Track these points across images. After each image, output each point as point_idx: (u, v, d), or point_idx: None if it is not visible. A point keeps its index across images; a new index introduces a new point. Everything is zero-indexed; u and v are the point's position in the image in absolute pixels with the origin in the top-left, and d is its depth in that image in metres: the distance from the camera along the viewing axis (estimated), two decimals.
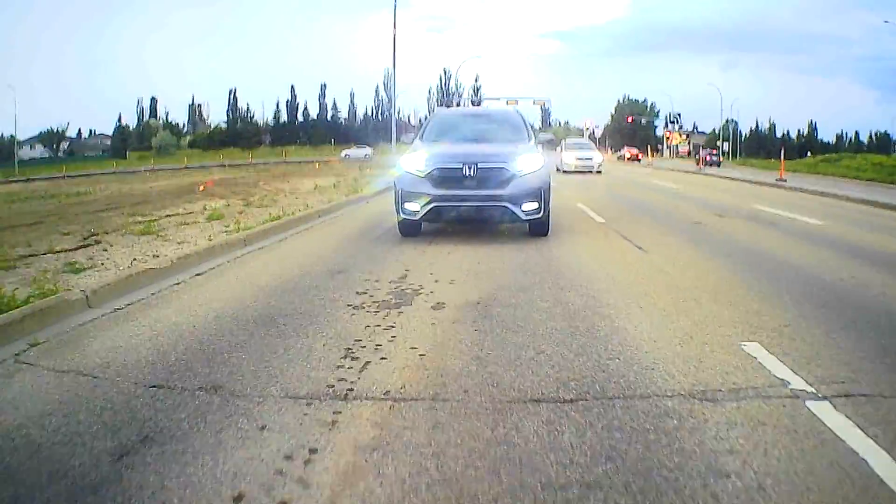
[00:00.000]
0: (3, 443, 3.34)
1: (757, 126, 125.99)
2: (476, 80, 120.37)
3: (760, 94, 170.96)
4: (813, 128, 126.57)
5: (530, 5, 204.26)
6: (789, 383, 4.04)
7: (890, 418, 3.55)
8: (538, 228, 10.47)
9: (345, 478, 2.91)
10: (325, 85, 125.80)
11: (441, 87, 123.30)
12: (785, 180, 29.41)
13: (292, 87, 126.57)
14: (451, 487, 2.82)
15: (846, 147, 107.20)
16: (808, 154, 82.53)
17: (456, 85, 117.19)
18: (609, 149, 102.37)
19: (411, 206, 10.00)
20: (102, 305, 6.14)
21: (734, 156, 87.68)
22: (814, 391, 3.92)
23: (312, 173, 34.84)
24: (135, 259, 8.23)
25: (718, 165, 59.18)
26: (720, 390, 3.94)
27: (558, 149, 38.37)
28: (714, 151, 67.95)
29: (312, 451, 3.17)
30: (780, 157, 34.28)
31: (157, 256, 8.37)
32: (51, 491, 2.85)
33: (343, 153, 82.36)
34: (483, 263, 8.16)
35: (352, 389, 3.95)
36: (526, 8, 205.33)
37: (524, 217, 10.03)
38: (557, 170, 33.24)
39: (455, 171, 9.90)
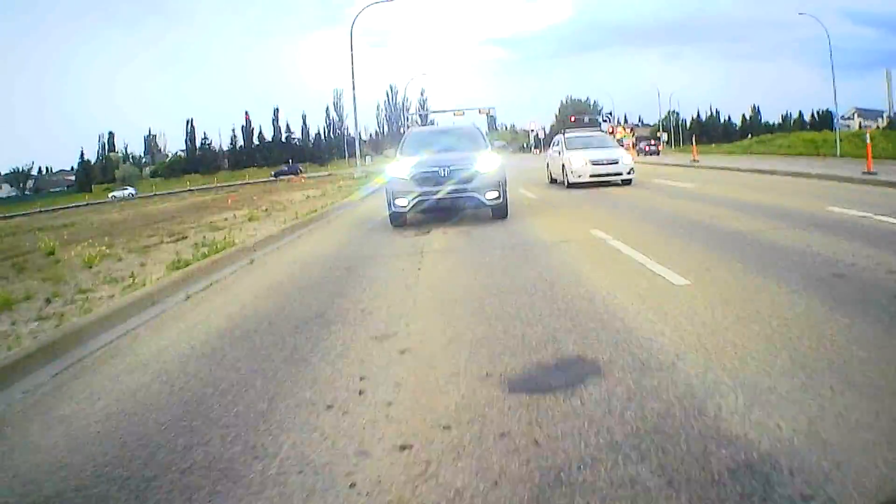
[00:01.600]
0: (286, 274, 8.55)
1: (699, 115, 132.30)
2: (422, 94, 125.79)
3: (705, 83, 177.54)
4: (756, 111, 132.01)
5: (471, 14, 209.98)
6: (604, 238, 9.49)
7: (639, 242, 8.92)
8: (499, 212, 13.15)
9: (431, 266, 8.32)
10: (277, 109, 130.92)
11: (388, 104, 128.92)
12: (697, 161, 35.42)
13: (246, 112, 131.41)
14: (472, 265, 8.19)
15: (791, 127, 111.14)
16: (750, 136, 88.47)
17: (403, 101, 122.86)
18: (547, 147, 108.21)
19: (400, 202, 12.71)
20: (260, 251, 11.32)
21: (677, 144, 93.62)
22: (613, 238, 9.36)
23: (293, 189, 39.29)
24: (233, 241, 13.06)
25: (657, 154, 65.19)
26: (571, 240, 9.44)
27: (552, 150, 24.76)
28: (653, 142, 73.97)
29: (418, 266, 8.50)
30: (721, 142, 39.21)
31: (255, 234, 13.30)
32: (325, 287, 7.99)
33: (110, 195, 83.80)
34: (462, 229, 13.11)
35: (423, 251, 9.45)
36: (467, 17, 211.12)
37: (488, 203, 12.81)
38: (553, 182, 23.33)
39: (433, 173, 12.58)
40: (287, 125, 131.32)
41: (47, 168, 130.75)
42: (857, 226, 9.44)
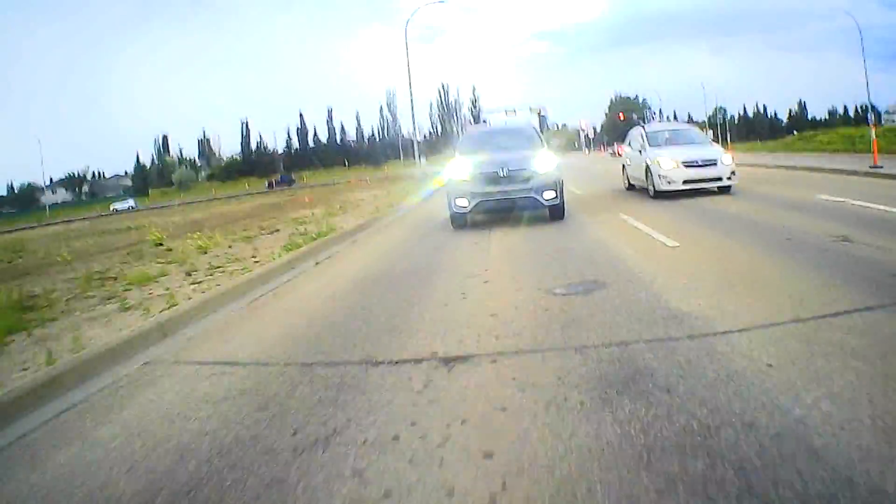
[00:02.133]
0: (387, 248, 11.36)
1: (745, 111, 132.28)
2: (474, 92, 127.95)
3: (752, 77, 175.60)
4: (802, 106, 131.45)
5: (517, 8, 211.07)
6: (626, 219, 12.12)
7: (651, 221, 11.52)
8: (556, 212, 13.21)
9: (498, 240, 11.05)
10: (331, 109, 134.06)
11: (441, 103, 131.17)
12: None
13: (301, 114, 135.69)
14: (528, 238, 10.88)
15: (836, 122, 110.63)
16: (794, 133, 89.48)
17: (455, 100, 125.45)
18: (602, 145, 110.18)
19: (461, 203, 12.92)
20: (357, 235, 14.20)
21: (724, 141, 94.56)
22: (633, 219, 12.00)
23: (356, 190, 42.10)
24: (334, 227, 15.98)
25: None
26: (602, 221, 12.11)
27: (628, 149, 20.06)
28: None
29: (488, 239, 11.24)
30: (767, 139, 39.68)
31: (344, 225, 16.05)
32: (422, 254, 10.78)
33: (112, 207, 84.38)
34: (521, 226, 15.81)
35: (491, 230, 12.12)
36: (513, 11, 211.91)
37: (546, 203, 12.84)
38: (631, 188, 19.45)
39: (492, 174, 12.72)
40: (341, 126, 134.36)
41: (100, 173, 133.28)
42: (831, 208, 11.88)
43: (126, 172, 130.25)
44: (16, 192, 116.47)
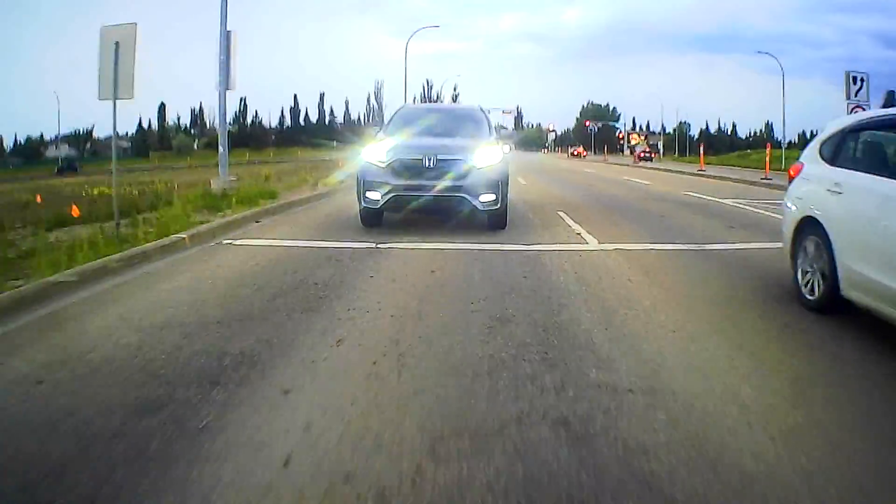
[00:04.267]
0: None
1: (707, 127, 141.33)
2: (455, 90, 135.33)
3: (727, 95, 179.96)
4: (769, 127, 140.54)
5: (505, 7, 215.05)
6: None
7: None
8: (496, 220, 11.02)
9: None
10: (323, 94, 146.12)
11: (424, 97, 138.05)
12: (669, 168, 45.50)
13: (295, 95, 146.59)
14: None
15: (799, 143, 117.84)
16: (748, 151, 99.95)
17: (438, 94, 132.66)
18: (564, 147, 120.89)
19: (373, 195, 10.39)
20: None
21: (683, 153, 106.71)
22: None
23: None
24: None
25: (650, 160, 76.27)
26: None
27: (842, 194, 5.79)
28: (647, 150, 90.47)
29: None
30: (718, 153, 46.29)
31: None
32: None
33: None
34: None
35: None
36: (501, 7, 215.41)
37: (482, 208, 10.51)
38: (829, 304, 5.84)
39: (415, 162, 10.30)
40: (331, 109, 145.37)
41: (89, 131, 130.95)
42: (687, 200, 19.66)
43: (127, 133, 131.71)
44: (21, 144, 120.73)
